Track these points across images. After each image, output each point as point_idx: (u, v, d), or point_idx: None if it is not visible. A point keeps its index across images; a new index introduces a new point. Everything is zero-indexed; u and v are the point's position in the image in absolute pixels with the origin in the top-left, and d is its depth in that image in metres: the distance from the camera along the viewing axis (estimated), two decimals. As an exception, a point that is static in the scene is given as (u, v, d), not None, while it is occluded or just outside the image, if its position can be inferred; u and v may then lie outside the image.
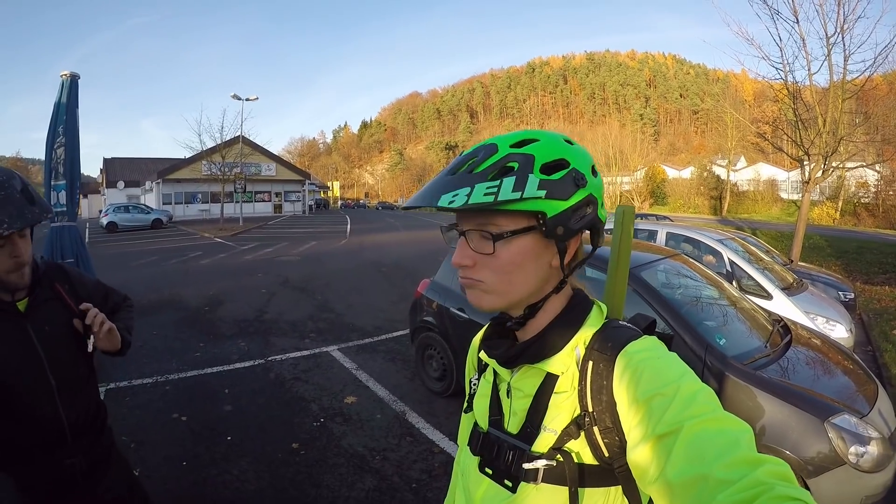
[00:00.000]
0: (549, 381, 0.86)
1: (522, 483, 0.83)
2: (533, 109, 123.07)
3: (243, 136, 35.11)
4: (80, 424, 1.71)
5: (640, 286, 3.14)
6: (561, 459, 0.81)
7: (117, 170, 51.52)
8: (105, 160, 54.52)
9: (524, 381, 0.89)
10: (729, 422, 0.65)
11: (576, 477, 0.80)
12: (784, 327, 3.55)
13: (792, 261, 9.40)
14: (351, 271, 13.30)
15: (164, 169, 42.01)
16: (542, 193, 0.77)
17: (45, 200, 1.49)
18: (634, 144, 57.50)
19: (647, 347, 0.81)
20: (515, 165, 0.77)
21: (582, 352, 0.85)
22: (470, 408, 1.03)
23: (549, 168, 0.79)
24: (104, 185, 52.03)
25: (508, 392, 0.92)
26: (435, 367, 4.96)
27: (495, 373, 0.97)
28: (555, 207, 0.79)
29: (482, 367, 1.03)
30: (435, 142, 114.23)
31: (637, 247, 4.17)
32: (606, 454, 0.79)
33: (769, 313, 3.88)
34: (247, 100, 33.14)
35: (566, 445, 0.81)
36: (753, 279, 5.76)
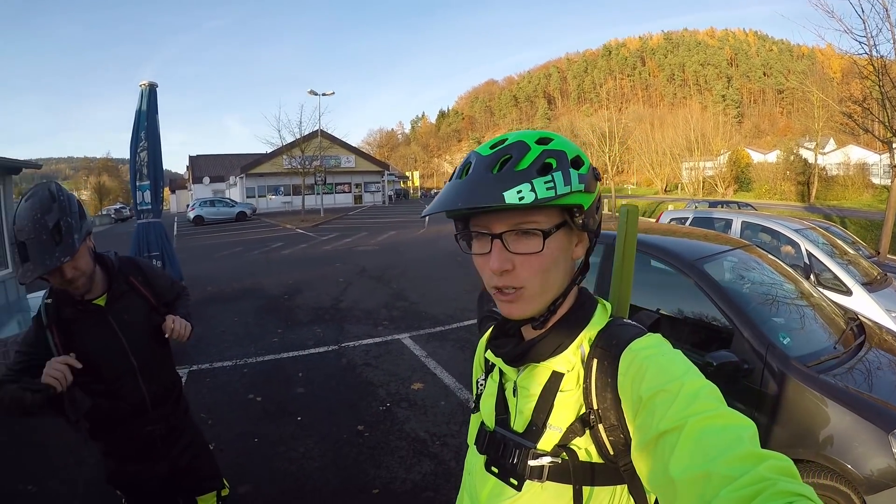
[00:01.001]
0: (555, 379, 0.89)
1: (528, 481, 0.86)
2: (611, 93, 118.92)
3: (322, 130, 36.99)
4: (159, 397, 2.04)
5: (700, 279, 3.05)
6: (566, 457, 0.83)
7: (203, 166, 55.90)
8: (191, 157, 59.68)
9: (530, 380, 0.92)
10: (732, 418, 0.67)
11: (580, 474, 0.83)
12: (859, 326, 3.27)
13: (878, 253, 8.64)
14: (427, 261, 13.66)
15: (246, 164, 45.31)
16: (582, 187, 0.82)
17: (73, 236, 1.67)
18: (717, 127, 54.11)
19: (650, 345, 0.83)
20: (553, 162, 0.81)
21: (587, 350, 0.89)
22: (477, 408, 1.07)
23: (575, 164, 0.84)
24: (191, 180, 56.54)
25: (515, 391, 0.95)
26: None
27: (501, 372, 1.00)
28: (588, 200, 0.85)
29: (489, 367, 1.07)
30: (512, 129, 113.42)
31: (703, 237, 4.01)
32: (611, 452, 0.82)
33: (845, 311, 3.58)
34: (323, 94, 34.98)
35: (571, 443, 0.84)
36: (832, 272, 5.47)
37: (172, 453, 2.11)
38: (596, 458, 0.83)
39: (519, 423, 0.92)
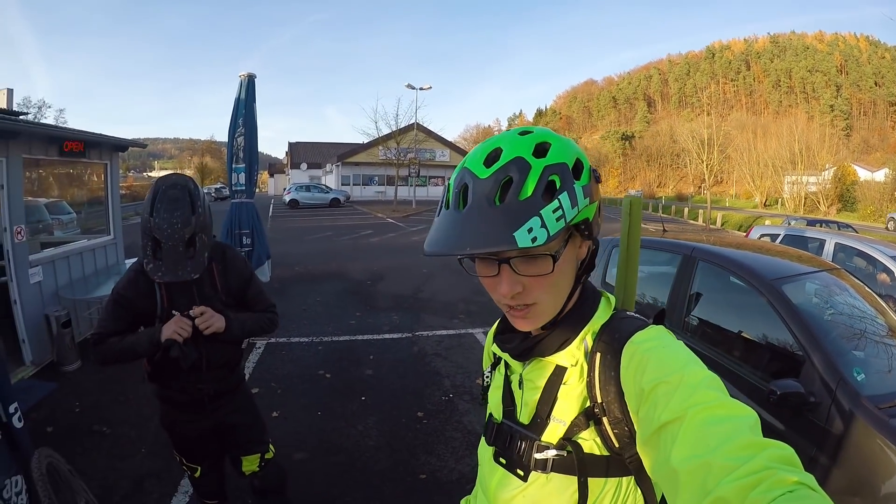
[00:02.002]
0: (559, 372, 0.93)
1: (533, 472, 0.91)
2: (713, 98, 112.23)
3: (417, 124, 38.18)
4: (214, 362, 2.25)
5: (776, 299, 2.89)
6: (570, 450, 0.87)
7: (301, 152, 59.83)
8: (290, 144, 63.96)
9: (535, 374, 0.96)
10: (734, 408, 0.68)
11: (585, 467, 0.86)
12: None
13: None
14: None
15: (343, 153, 47.94)
16: (587, 201, 0.84)
17: (203, 255, 2.00)
18: (823, 139, 50.72)
19: (652, 337, 0.86)
20: (557, 180, 0.80)
21: (590, 344, 0.92)
22: (486, 400, 1.13)
23: (576, 173, 0.84)
24: (289, 165, 61.03)
25: (520, 384, 0.99)
26: None
27: (507, 365, 1.05)
28: (593, 211, 0.87)
29: (496, 361, 1.12)
30: (611, 131, 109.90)
31: (788, 255, 3.72)
32: (617, 444, 0.85)
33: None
34: (420, 89, 35.95)
35: (576, 436, 0.88)
36: (931, 310, 4.87)
37: (218, 413, 2.35)
38: (601, 451, 0.86)
39: (524, 415, 0.96)
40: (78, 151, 6.54)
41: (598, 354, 0.89)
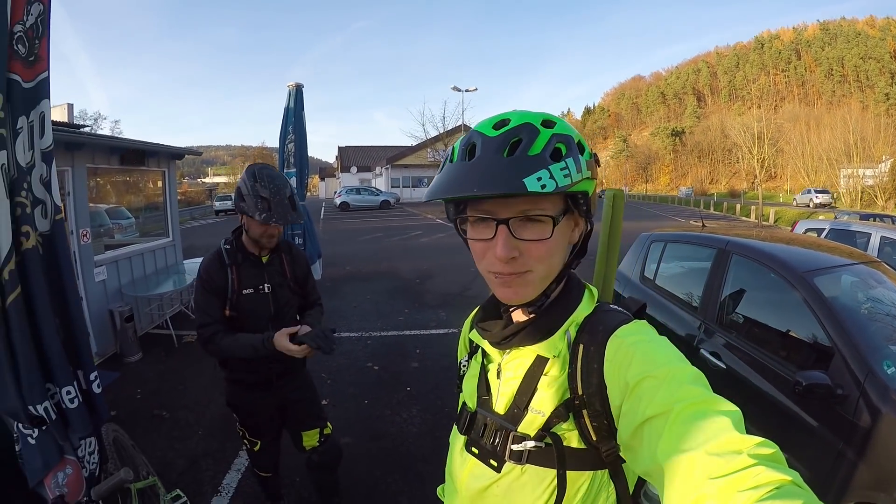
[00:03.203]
0: (539, 362, 0.93)
1: (507, 463, 0.91)
2: (764, 90, 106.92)
3: (465, 125, 38.78)
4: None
5: (807, 292, 2.87)
6: (549, 442, 0.87)
7: (351, 156, 61.66)
8: (340, 148, 66.21)
9: (515, 363, 0.96)
10: (718, 404, 0.69)
11: (564, 459, 0.87)
12: None
13: None
14: None
15: (392, 156, 48.95)
16: (589, 174, 0.86)
17: (301, 209, 2.40)
18: (878, 130, 48.00)
19: (637, 331, 0.87)
20: (563, 147, 0.82)
21: (573, 335, 0.92)
22: (461, 388, 1.12)
23: (580, 149, 0.86)
24: (339, 169, 62.71)
25: (499, 373, 0.99)
26: None
27: (485, 354, 1.05)
28: (592, 186, 0.89)
29: (473, 349, 1.12)
30: (660, 127, 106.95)
31: (823, 248, 3.65)
32: (594, 438, 0.86)
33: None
34: (466, 91, 36.39)
35: (554, 428, 0.88)
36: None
37: (284, 390, 2.62)
38: (578, 444, 0.87)
39: (501, 405, 0.96)
40: (138, 161, 7.08)
41: (581, 346, 0.89)
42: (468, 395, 1.05)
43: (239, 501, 3.32)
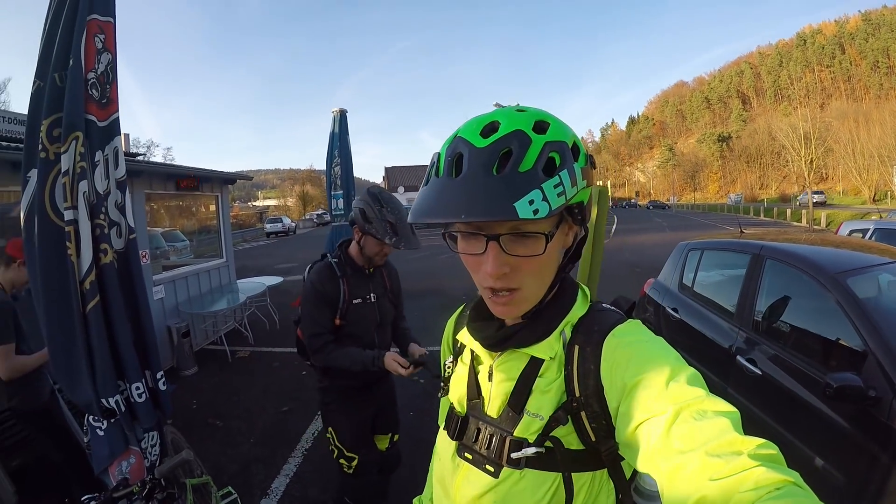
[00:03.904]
0: (534, 364, 0.92)
1: (505, 468, 0.89)
2: (810, 87, 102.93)
3: None
4: (383, 349, 2.67)
5: (839, 293, 2.85)
6: (550, 446, 0.87)
7: (398, 176, 63.36)
8: (386, 168, 68.05)
9: (508, 365, 0.95)
10: (717, 405, 0.69)
11: (567, 462, 0.86)
12: None
13: None
14: (604, 272, 13.50)
15: None
16: (585, 183, 0.83)
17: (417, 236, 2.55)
18: None
19: (633, 331, 0.88)
20: (557, 157, 0.79)
21: (568, 336, 0.92)
22: (446, 391, 1.10)
23: (574, 154, 0.82)
24: (387, 189, 64.07)
25: (490, 375, 0.97)
26: None
27: (473, 355, 1.03)
28: (588, 194, 0.87)
29: (458, 350, 1.10)
30: (706, 133, 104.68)
31: (861, 248, 3.60)
32: (593, 438, 0.85)
33: None
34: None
35: (554, 432, 0.87)
36: None
37: (378, 395, 2.84)
38: (577, 446, 0.87)
39: (493, 408, 0.95)
40: (193, 186, 7.65)
41: (577, 347, 0.89)
42: (457, 398, 1.04)
43: (286, 503, 3.58)
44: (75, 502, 1.73)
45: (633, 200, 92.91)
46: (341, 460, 2.79)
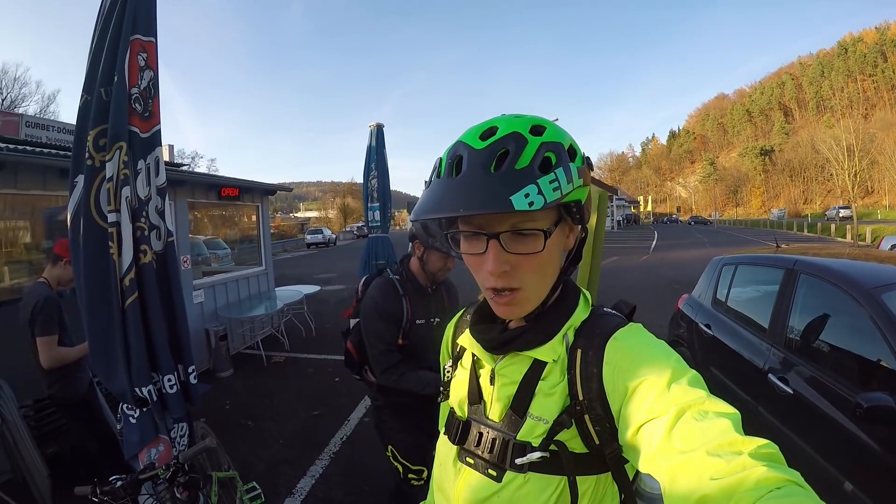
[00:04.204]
0: (537, 367, 0.92)
1: (509, 472, 0.90)
2: (852, 98, 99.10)
3: None
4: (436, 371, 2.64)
5: (873, 309, 2.74)
6: (555, 450, 0.87)
7: None
8: (426, 182, 68.51)
9: (511, 368, 0.95)
10: (718, 406, 0.70)
11: (572, 465, 0.87)
12: None
13: None
14: (642, 287, 13.39)
15: None
16: (581, 182, 0.85)
17: None
18: None
19: (635, 334, 0.89)
20: (552, 157, 0.81)
21: (571, 339, 0.92)
22: (446, 396, 1.11)
23: (571, 155, 0.84)
24: None
25: (492, 379, 0.97)
26: None
27: (474, 359, 1.04)
28: (585, 194, 0.89)
29: (458, 354, 1.11)
30: (748, 147, 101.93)
31: (886, 259, 3.47)
32: (597, 441, 0.86)
33: None
34: None
35: (558, 436, 0.87)
36: None
37: (433, 417, 2.89)
38: (581, 449, 0.87)
39: (495, 411, 0.95)
40: (234, 196, 7.97)
41: (580, 351, 0.89)
42: (457, 402, 1.04)
43: (310, 503, 3.71)
44: (104, 483, 1.87)
45: (674, 216, 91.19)
46: (409, 475, 2.71)
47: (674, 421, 0.69)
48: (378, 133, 7.64)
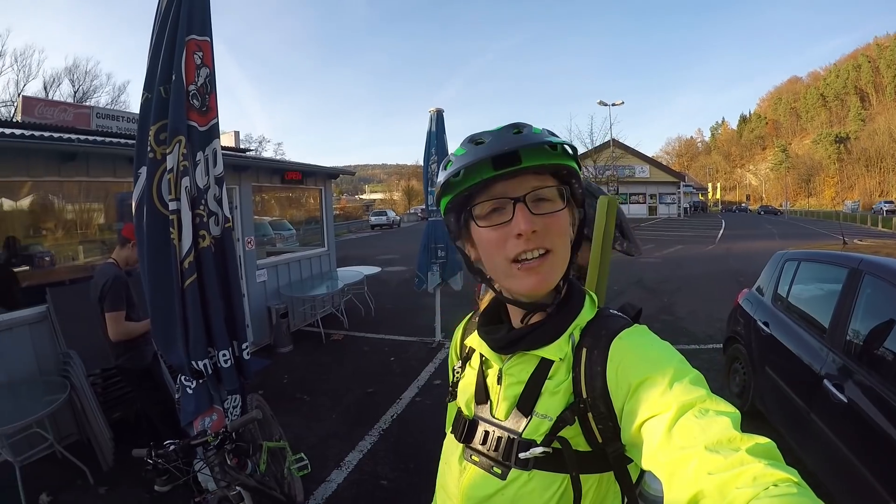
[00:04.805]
0: (543, 366, 0.94)
1: (513, 469, 0.91)
2: None
3: (614, 140, 38.47)
4: None
5: None
6: (558, 446, 0.88)
7: None
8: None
9: (518, 367, 0.97)
10: (718, 405, 0.72)
11: (576, 464, 0.88)
12: None
13: None
14: (707, 277, 12.98)
15: None
16: (576, 160, 0.94)
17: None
18: None
19: (639, 334, 0.91)
20: (555, 138, 0.90)
21: (576, 338, 0.94)
22: (454, 396, 1.13)
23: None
24: None
25: (499, 378, 0.99)
26: (737, 381, 4.93)
27: (482, 360, 1.06)
28: (580, 173, 0.96)
29: (466, 354, 1.14)
30: (822, 134, 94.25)
31: None
32: (600, 440, 0.87)
33: None
34: (613, 105, 36.47)
35: (562, 432, 0.89)
36: None
37: None
38: (584, 447, 0.89)
39: (501, 410, 0.97)
40: (297, 180, 8.28)
41: (585, 350, 0.91)
42: (464, 402, 1.06)
43: (356, 476, 3.90)
44: (159, 447, 2.09)
45: (743, 205, 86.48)
46: None
47: (675, 418, 0.70)
48: (438, 118, 7.73)
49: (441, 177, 0.92)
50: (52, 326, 4.46)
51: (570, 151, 0.89)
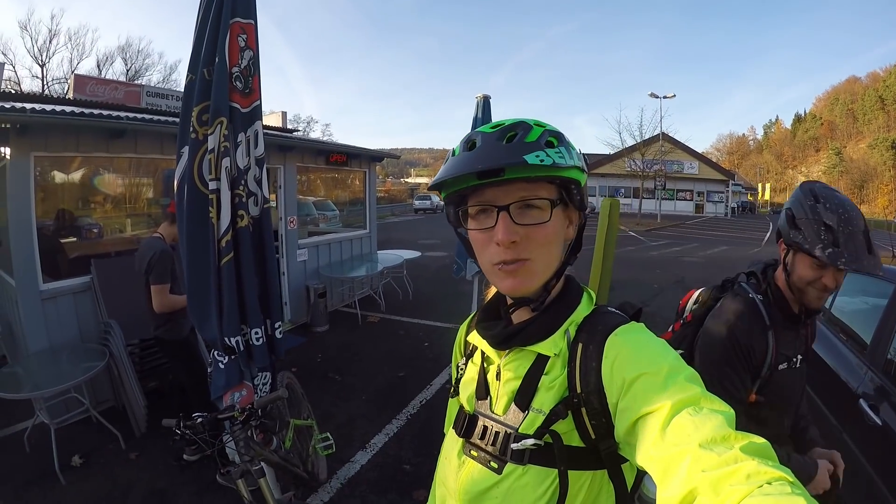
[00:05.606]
0: (540, 362, 0.95)
1: (509, 464, 0.92)
2: None
3: (663, 133, 37.59)
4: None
5: None
6: (549, 440, 0.89)
7: None
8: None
9: (515, 363, 0.98)
10: (713, 402, 0.72)
11: (564, 457, 0.88)
12: None
13: None
14: None
15: (590, 164, 49.38)
16: (581, 164, 0.92)
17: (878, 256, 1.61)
18: None
19: (635, 331, 0.90)
20: (555, 140, 0.89)
21: (572, 334, 0.95)
22: (456, 392, 1.14)
23: (570, 144, 0.94)
24: None
25: (498, 374, 1.00)
26: None
27: (484, 357, 1.07)
28: (584, 178, 0.95)
29: (469, 352, 1.14)
30: (879, 138, 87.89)
31: None
32: (593, 436, 0.88)
33: None
34: (664, 97, 35.42)
35: (554, 426, 0.89)
36: None
37: None
38: (577, 442, 0.89)
39: (500, 406, 0.98)
40: (341, 162, 8.38)
41: (581, 345, 0.91)
42: (466, 398, 1.08)
43: (380, 458, 3.96)
44: (188, 418, 2.16)
45: None
46: None
47: (669, 416, 0.71)
48: (485, 104, 7.68)
49: (437, 176, 0.94)
50: (95, 296, 4.67)
51: (563, 163, 0.87)
